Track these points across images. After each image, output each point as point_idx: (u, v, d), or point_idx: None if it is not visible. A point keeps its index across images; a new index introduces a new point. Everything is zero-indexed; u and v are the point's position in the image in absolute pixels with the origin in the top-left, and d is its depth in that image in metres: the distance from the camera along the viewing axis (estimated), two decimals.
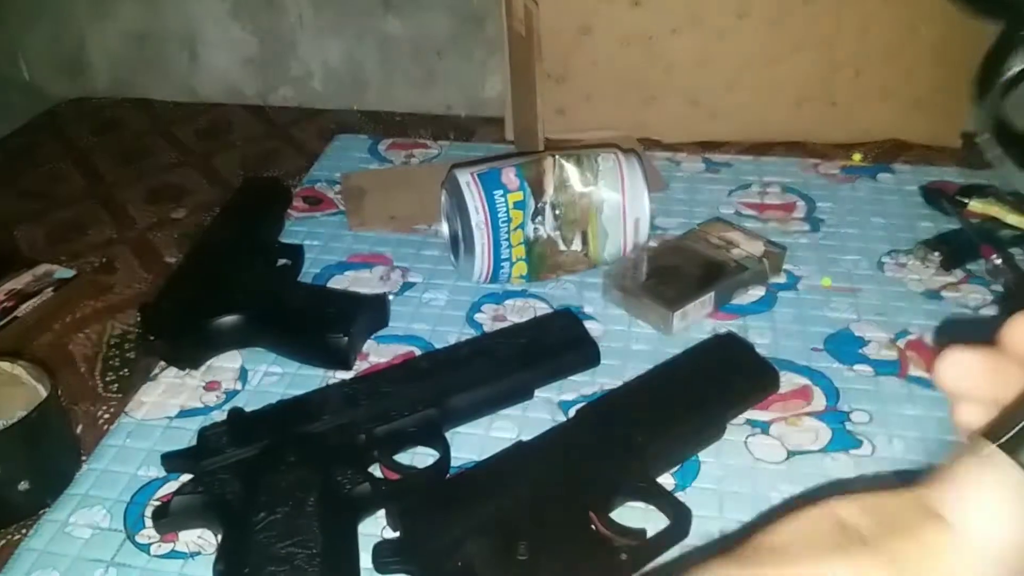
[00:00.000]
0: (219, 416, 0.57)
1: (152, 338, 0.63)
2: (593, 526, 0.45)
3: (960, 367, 0.26)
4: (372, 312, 0.65)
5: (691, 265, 0.67)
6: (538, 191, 0.66)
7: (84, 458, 0.56)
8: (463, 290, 0.69)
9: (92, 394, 0.62)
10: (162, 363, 0.63)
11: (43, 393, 0.55)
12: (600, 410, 0.54)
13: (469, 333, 0.65)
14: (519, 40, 0.78)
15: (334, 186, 0.86)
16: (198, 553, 0.49)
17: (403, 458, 0.53)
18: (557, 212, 0.66)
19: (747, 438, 0.55)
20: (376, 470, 0.52)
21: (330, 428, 0.52)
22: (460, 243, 0.67)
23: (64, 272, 0.73)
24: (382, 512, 0.49)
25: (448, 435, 0.54)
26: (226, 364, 0.63)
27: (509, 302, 0.68)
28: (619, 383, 0.58)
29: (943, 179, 0.82)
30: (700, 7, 0.87)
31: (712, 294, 0.64)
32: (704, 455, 0.53)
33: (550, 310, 0.67)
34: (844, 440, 0.54)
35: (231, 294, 0.64)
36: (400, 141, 0.95)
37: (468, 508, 0.46)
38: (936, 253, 0.70)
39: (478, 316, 0.67)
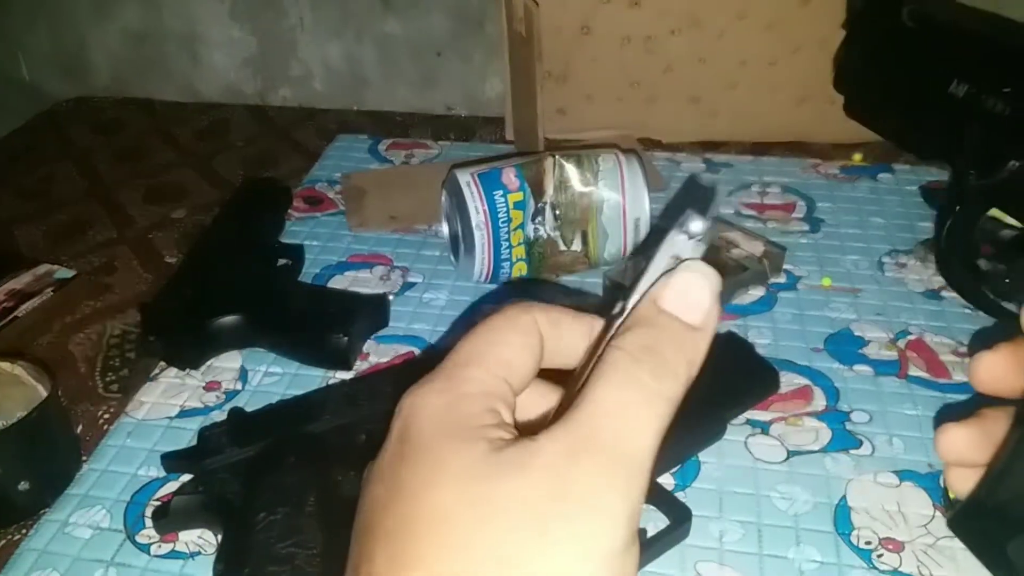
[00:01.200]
0: (219, 416, 0.57)
1: (152, 338, 0.63)
2: None
3: (958, 440, 0.29)
4: (372, 312, 0.65)
5: None
6: (538, 191, 0.66)
7: (84, 458, 0.56)
8: (463, 290, 0.70)
9: (92, 394, 0.62)
10: (162, 363, 0.63)
11: (43, 393, 0.55)
12: None
13: None
14: (519, 40, 0.78)
15: (334, 186, 0.86)
16: (198, 553, 0.49)
17: None
18: (557, 212, 0.66)
19: (747, 438, 0.55)
20: None
21: (330, 428, 0.52)
22: (460, 243, 0.67)
23: (64, 272, 0.73)
24: None
25: None
26: (226, 364, 0.63)
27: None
28: None
29: (943, 179, 0.82)
30: (699, 7, 0.87)
31: None
32: (704, 455, 0.53)
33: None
34: (844, 440, 0.54)
35: (231, 294, 0.64)
36: (400, 141, 0.95)
37: None
38: None
39: (479, 316, 0.67)
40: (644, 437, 0.23)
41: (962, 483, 0.29)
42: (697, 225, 0.25)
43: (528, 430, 0.23)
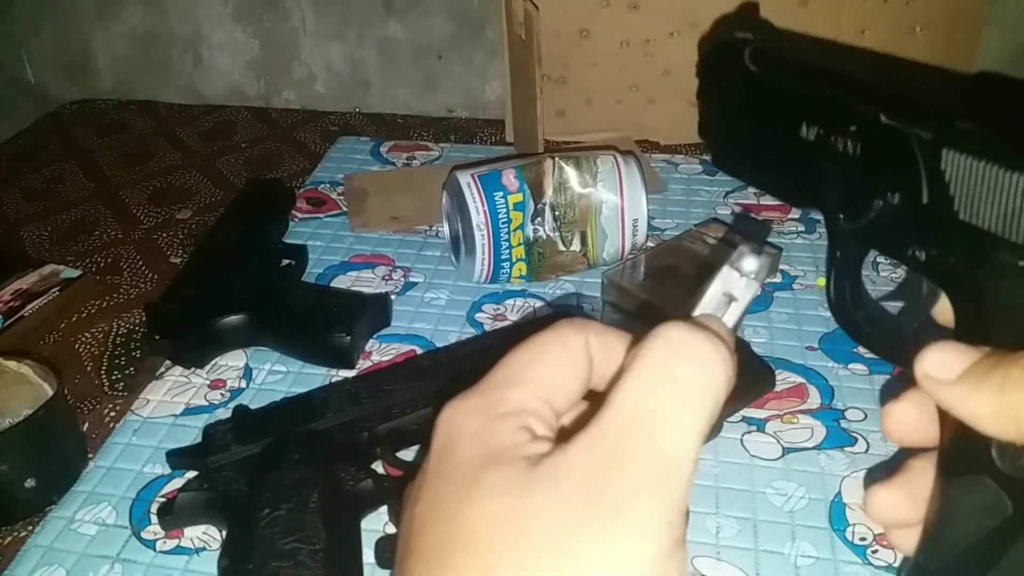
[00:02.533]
0: (224, 414, 0.58)
1: (158, 337, 0.63)
2: None
3: (887, 503, 0.28)
4: (374, 311, 0.66)
5: (688, 265, 0.68)
6: (537, 192, 0.66)
7: (90, 455, 0.57)
8: (464, 290, 0.70)
9: (98, 393, 0.63)
10: (168, 362, 0.64)
11: (49, 392, 0.55)
12: None
13: (470, 332, 0.66)
14: (519, 43, 0.78)
15: (337, 187, 0.87)
16: (203, 549, 0.50)
17: (405, 455, 0.54)
18: (556, 213, 0.67)
19: (743, 435, 0.55)
20: (379, 467, 0.52)
21: (333, 426, 0.52)
22: (461, 243, 0.68)
23: (70, 272, 0.74)
24: (384, 508, 0.50)
25: None
26: (231, 363, 0.64)
27: (509, 302, 0.69)
28: None
29: None
30: (697, 10, 0.88)
31: None
32: (701, 452, 0.54)
33: (550, 309, 0.67)
34: (839, 437, 0.55)
35: (235, 294, 0.65)
36: (401, 143, 0.96)
37: None
38: None
39: (479, 315, 0.68)
40: (683, 439, 0.21)
41: (905, 542, 0.28)
42: (751, 263, 0.24)
43: (566, 439, 0.22)
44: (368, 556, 0.47)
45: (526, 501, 0.21)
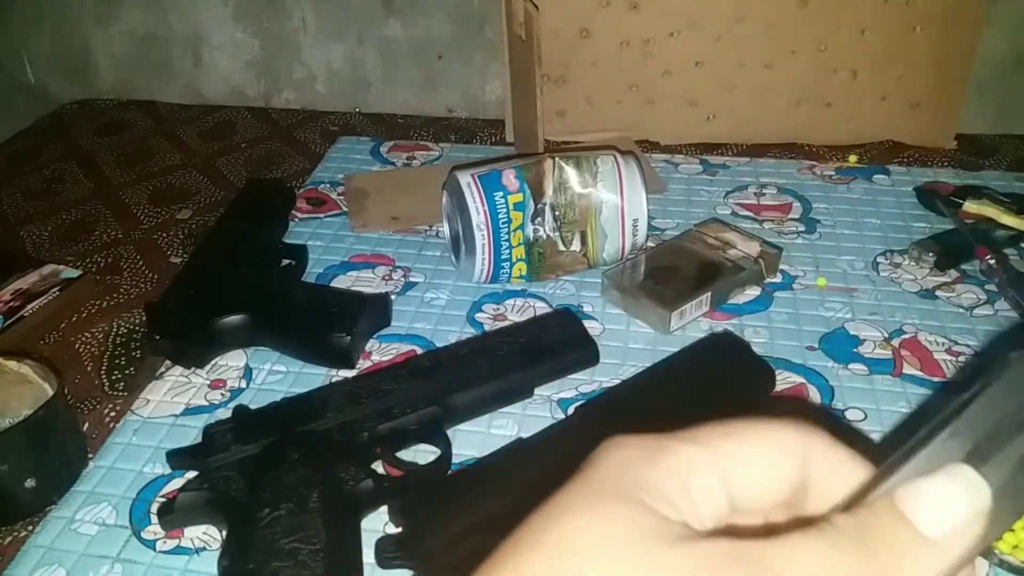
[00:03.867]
0: (224, 414, 0.58)
1: (158, 337, 0.63)
2: None
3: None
4: (374, 311, 0.66)
5: (688, 265, 0.68)
6: (538, 192, 0.66)
7: (90, 456, 0.57)
8: (464, 290, 0.70)
9: (98, 392, 0.63)
10: (168, 362, 0.64)
11: (49, 392, 0.55)
12: (599, 408, 0.54)
13: (470, 332, 0.66)
14: (519, 43, 0.78)
15: (337, 187, 0.87)
16: (203, 549, 0.50)
17: (405, 455, 0.54)
18: (556, 213, 0.67)
19: None
20: (379, 467, 0.52)
21: (333, 426, 0.52)
22: (461, 243, 0.68)
23: (70, 272, 0.74)
24: (384, 508, 0.50)
25: (449, 432, 0.55)
26: (231, 363, 0.64)
27: (509, 302, 0.69)
28: (618, 381, 0.58)
29: (938, 180, 0.83)
30: (697, 10, 0.88)
31: (709, 294, 0.65)
32: None
33: (549, 309, 0.68)
34: None
35: (236, 294, 0.65)
36: (401, 143, 0.96)
37: (469, 504, 0.47)
38: (930, 253, 0.70)
39: (479, 315, 0.68)
40: None
41: None
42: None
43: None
44: (368, 556, 0.47)
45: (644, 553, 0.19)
